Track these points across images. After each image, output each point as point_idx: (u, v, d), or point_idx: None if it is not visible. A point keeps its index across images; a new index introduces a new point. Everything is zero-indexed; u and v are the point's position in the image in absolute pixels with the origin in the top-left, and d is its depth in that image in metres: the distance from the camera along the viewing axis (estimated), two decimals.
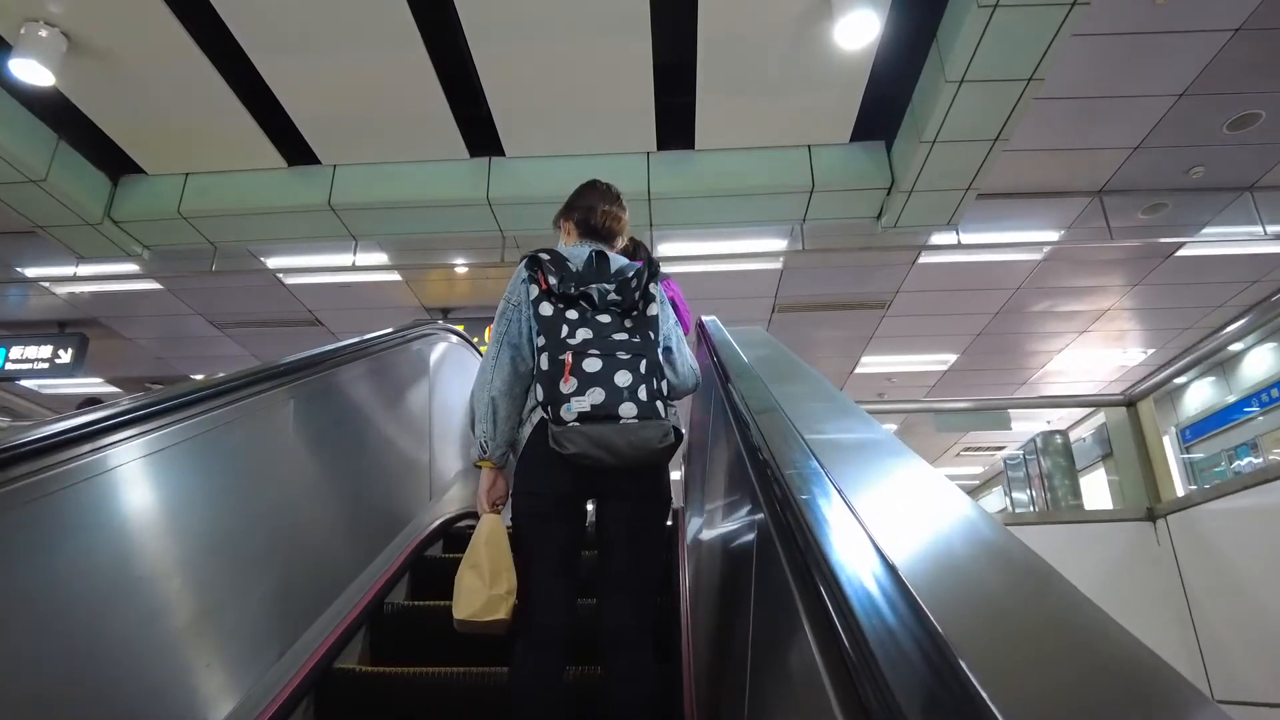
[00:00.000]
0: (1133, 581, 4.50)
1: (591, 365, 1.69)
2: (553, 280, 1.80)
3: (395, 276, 7.58)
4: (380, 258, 7.15)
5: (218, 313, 8.36)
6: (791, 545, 0.90)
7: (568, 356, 1.70)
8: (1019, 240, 6.79)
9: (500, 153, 5.89)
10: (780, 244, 6.81)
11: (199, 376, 10.05)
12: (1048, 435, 5.32)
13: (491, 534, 1.83)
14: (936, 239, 6.81)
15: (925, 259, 7.33)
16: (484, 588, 1.77)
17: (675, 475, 2.16)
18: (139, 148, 5.87)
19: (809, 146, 5.82)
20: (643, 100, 5.36)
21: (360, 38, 4.84)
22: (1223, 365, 9.79)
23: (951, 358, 9.72)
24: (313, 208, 6.00)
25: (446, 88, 5.31)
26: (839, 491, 0.87)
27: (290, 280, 7.65)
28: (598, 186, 2.21)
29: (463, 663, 2.19)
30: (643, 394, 1.70)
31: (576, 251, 1.96)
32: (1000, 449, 13.94)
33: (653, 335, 1.80)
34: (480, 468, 1.89)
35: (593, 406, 1.65)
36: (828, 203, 5.93)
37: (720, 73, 5.12)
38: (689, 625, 2.35)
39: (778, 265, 7.36)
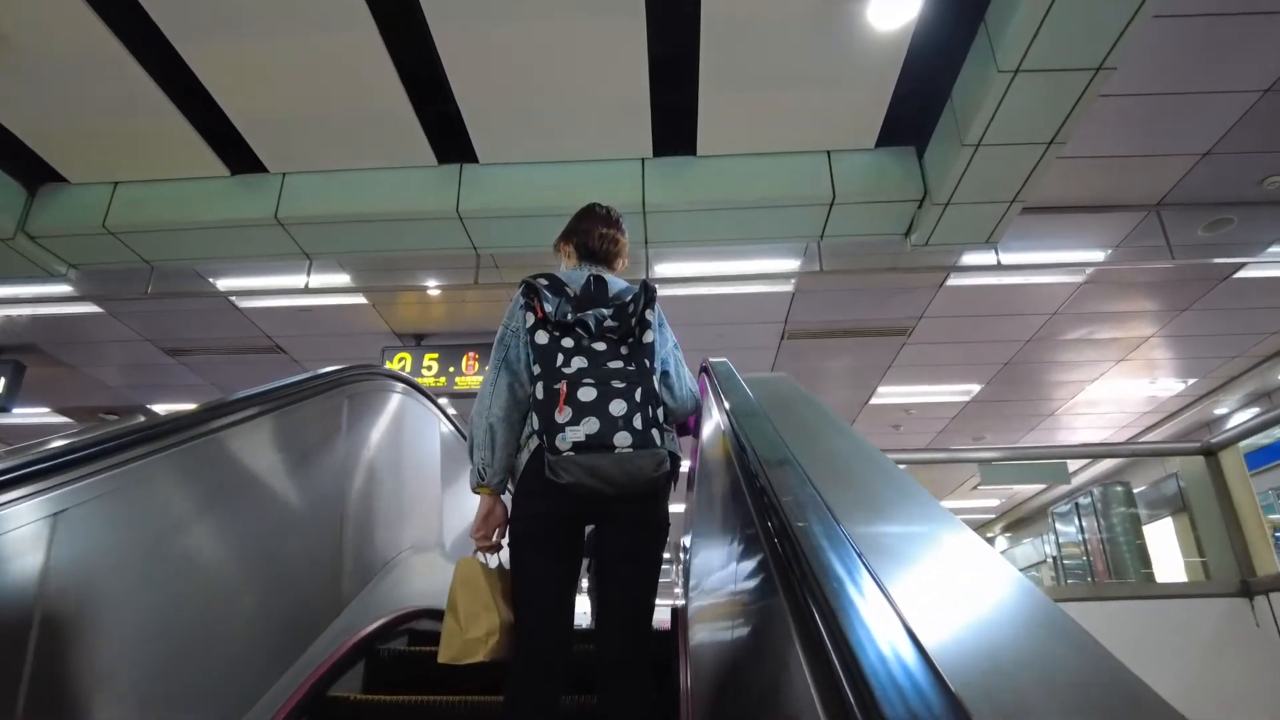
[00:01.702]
0: (1222, 672, 3.70)
1: (586, 394, 1.68)
2: (548, 308, 1.78)
3: (360, 299, 6.78)
4: (342, 279, 6.37)
5: (167, 339, 7.57)
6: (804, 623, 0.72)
7: (562, 386, 1.69)
8: (1064, 260, 6.01)
9: (472, 159, 5.12)
10: (793, 264, 6.03)
11: (159, 408, 9.30)
12: (1109, 487, 4.50)
13: (466, 577, 1.83)
14: (969, 259, 6.03)
15: (954, 281, 6.56)
16: (460, 632, 1.77)
17: (678, 507, 2.16)
18: (56, 152, 5.10)
19: (828, 152, 5.05)
20: (637, 97, 4.60)
21: (302, 22, 4.10)
22: (1270, 395, 9.01)
23: (975, 388, 8.92)
24: (258, 221, 5.22)
25: (408, 82, 4.56)
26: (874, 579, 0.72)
27: (244, 304, 6.86)
28: (597, 211, 2.18)
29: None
30: (638, 423, 1.68)
31: (575, 276, 1.97)
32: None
33: (648, 363, 1.78)
34: (479, 494, 1.87)
35: (587, 436, 1.64)
36: (850, 217, 5.15)
37: (727, 65, 4.37)
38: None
39: (789, 288, 6.58)
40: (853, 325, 7.27)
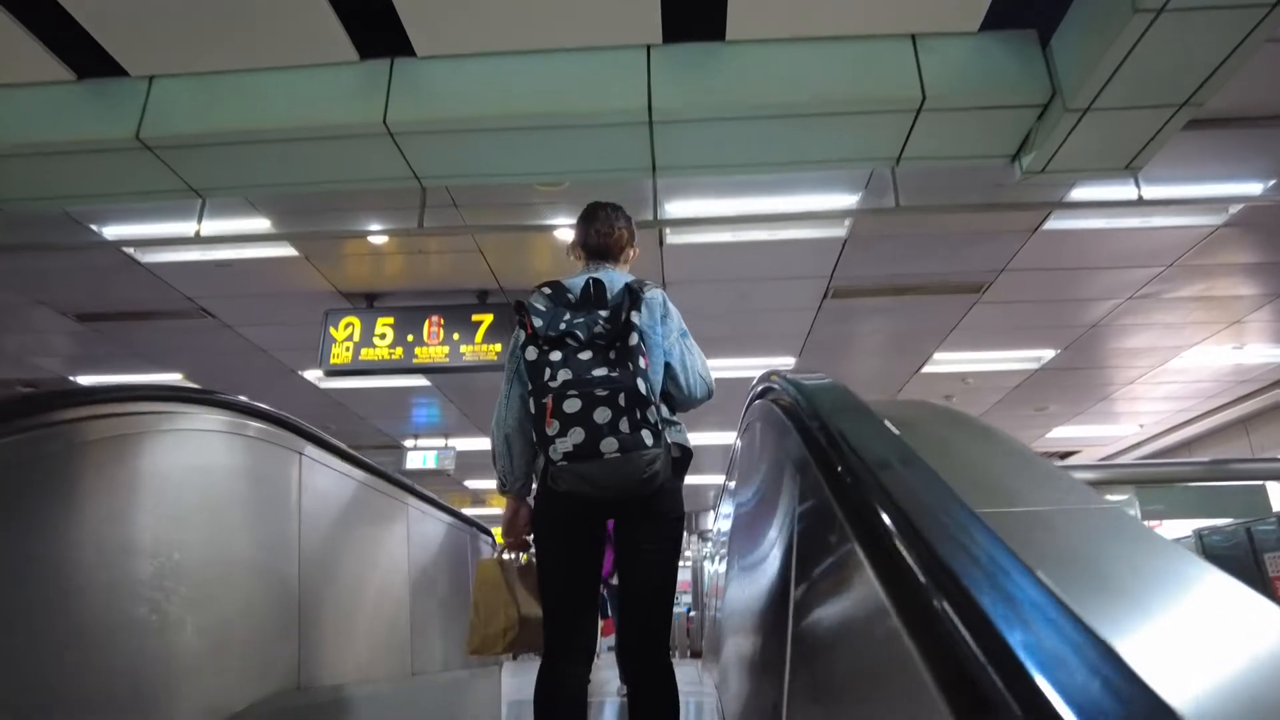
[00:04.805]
0: None
1: (571, 406, 1.70)
2: (538, 323, 1.82)
3: (289, 250, 5.34)
4: (259, 224, 4.92)
5: (66, 301, 6.17)
6: None
7: (548, 400, 1.72)
8: (1217, 195, 4.50)
9: (407, 51, 3.61)
10: (849, 199, 4.55)
11: (85, 380, 7.96)
12: None
13: (485, 577, 2.02)
14: (1083, 193, 4.53)
15: (1054, 224, 5.06)
16: (481, 627, 1.97)
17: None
18: None
19: (913, 37, 3.53)
20: None
21: None
22: None
23: (1049, 354, 7.46)
24: (116, 144, 3.77)
25: None
26: None
27: (146, 257, 5.44)
28: (596, 208, 2.21)
29: None
30: (624, 426, 1.69)
31: (576, 281, 2.01)
32: (1072, 452, 11.69)
33: (632, 365, 1.76)
34: (504, 497, 2.00)
35: (575, 447, 1.68)
36: (939, 131, 3.64)
37: None
38: None
39: (841, 232, 5.09)
40: (917, 280, 5.80)
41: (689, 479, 2.17)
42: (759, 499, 1.76)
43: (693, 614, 15.97)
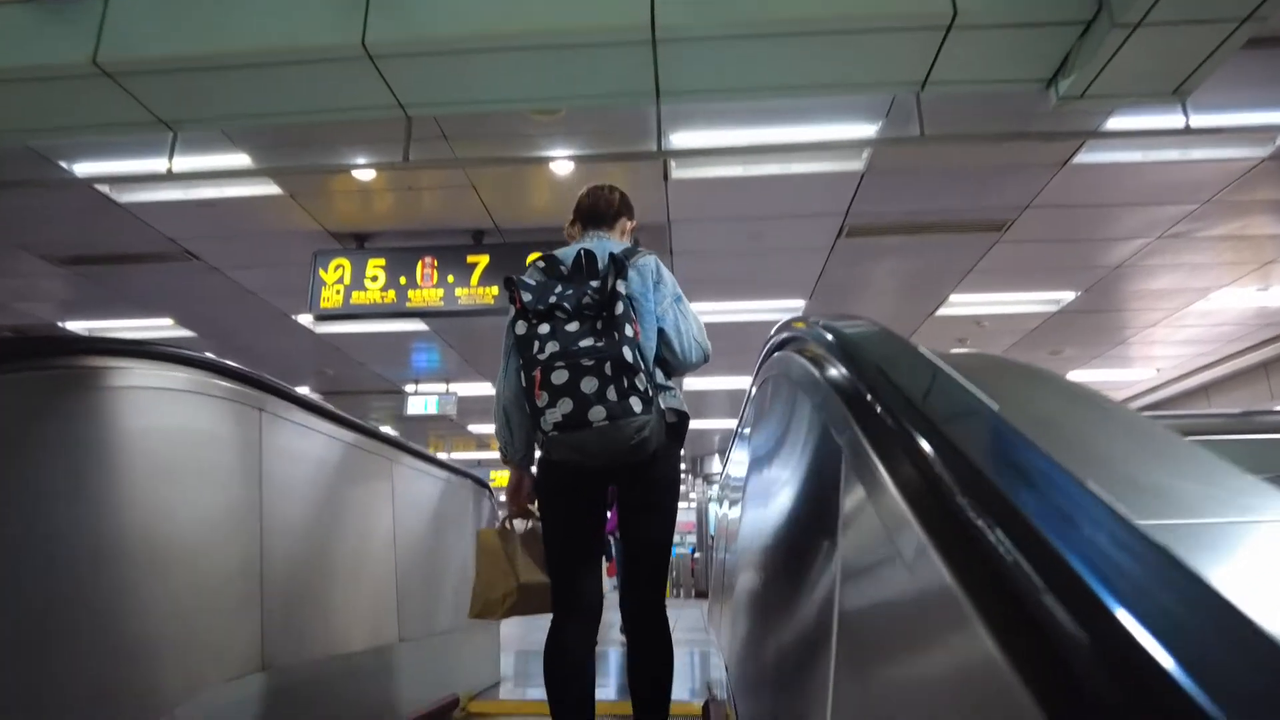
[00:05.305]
0: None
1: (559, 377, 1.73)
2: (526, 297, 1.84)
3: (273, 188, 5.05)
4: (238, 159, 4.62)
5: (47, 244, 5.91)
6: None
7: (537, 372, 1.75)
8: (1270, 123, 4.17)
9: None
10: (869, 129, 4.22)
11: (75, 326, 7.76)
12: None
13: (484, 546, 2.08)
14: (1119, 122, 4.21)
15: (1085, 157, 4.74)
16: (482, 593, 2.04)
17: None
18: None
19: None
20: None
21: None
22: None
23: (1069, 296, 7.17)
24: (70, 70, 3.47)
25: None
26: None
27: (124, 197, 5.16)
28: (595, 186, 2.26)
29: None
30: (612, 395, 1.71)
31: (569, 252, 2.02)
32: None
33: (617, 334, 1.78)
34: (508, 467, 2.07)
35: (564, 417, 1.71)
36: (970, 51, 3.31)
37: None
38: None
39: (859, 165, 4.77)
40: (936, 218, 5.48)
41: (694, 424, 2.13)
42: (785, 461, 1.54)
43: (697, 555, 16.10)
